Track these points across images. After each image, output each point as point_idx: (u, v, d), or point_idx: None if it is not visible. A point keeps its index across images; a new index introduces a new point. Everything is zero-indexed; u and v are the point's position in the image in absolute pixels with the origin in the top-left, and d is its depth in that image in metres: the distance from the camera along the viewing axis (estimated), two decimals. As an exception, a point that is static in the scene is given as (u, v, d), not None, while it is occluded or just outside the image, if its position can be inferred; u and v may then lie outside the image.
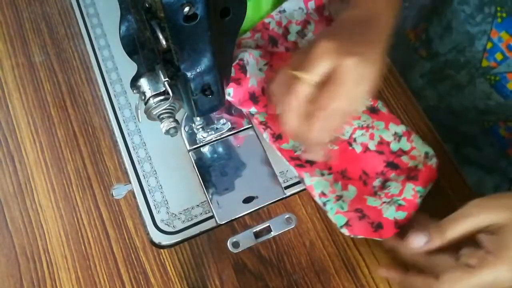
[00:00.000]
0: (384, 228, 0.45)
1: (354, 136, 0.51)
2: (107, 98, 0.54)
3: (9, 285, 0.46)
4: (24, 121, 0.53)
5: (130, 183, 0.50)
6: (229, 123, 0.53)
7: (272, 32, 0.55)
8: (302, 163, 0.49)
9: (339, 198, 0.48)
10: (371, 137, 0.51)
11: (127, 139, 0.51)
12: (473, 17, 0.53)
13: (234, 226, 0.49)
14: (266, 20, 0.55)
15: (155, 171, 0.50)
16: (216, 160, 0.51)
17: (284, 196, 0.50)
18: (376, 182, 0.49)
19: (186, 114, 0.53)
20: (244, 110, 0.52)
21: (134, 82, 0.40)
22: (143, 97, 0.40)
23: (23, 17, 0.59)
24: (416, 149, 0.50)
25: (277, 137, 0.51)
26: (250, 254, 0.47)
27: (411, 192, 0.47)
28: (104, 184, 0.50)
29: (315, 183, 0.48)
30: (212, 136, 0.52)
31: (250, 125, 0.53)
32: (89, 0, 0.59)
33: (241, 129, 0.53)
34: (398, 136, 0.51)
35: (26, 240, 0.48)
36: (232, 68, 0.49)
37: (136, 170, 0.50)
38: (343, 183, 0.49)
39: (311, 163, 0.50)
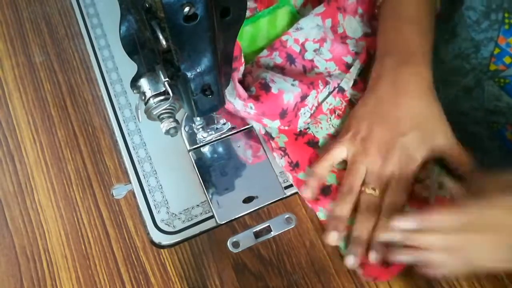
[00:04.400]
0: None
1: None
2: (107, 98, 0.54)
3: (9, 285, 0.46)
4: (24, 121, 0.53)
5: (130, 183, 0.50)
6: (229, 123, 0.53)
7: (290, 49, 0.55)
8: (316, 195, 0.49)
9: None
10: None
11: (127, 139, 0.52)
12: (478, 24, 0.53)
13: (234, 226, 0.49)
14: (284, 38, 0.55)
15: (155, 171, 0.50)
16: (216, 160, 0.51)
17: (284, 196, 0.50)
18: None
19: (186, 114, 0.53)
20: (259, 126, 0.52)
21: (134, 82, 0.40)
22: (143, 97, 0.40)
23: (23, 17, 0.59)
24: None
25: (295, 166, 0.50)
26: (250, 254, 0.47)
27: None
28: (104, 184, 0.50)
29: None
30: (212, 136, 0.52)
31: (250, 125, 0.53)
32: (89, 0, 0.60)
33: (241, 129, 0.53)
34: None
35: (26, 239, 0.48)
36: (253, 87, 0.49)
37: (136, 170, 0.50)
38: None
39: (325, 193, 0.49)
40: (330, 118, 0.53)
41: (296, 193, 0.50)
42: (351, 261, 0.44)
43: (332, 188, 0.49)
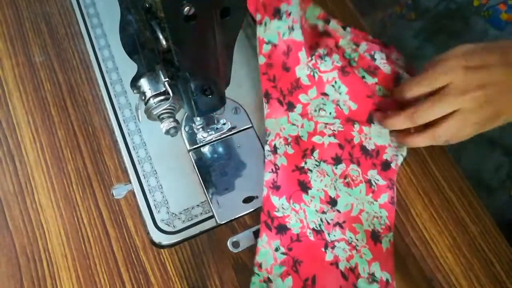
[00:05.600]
0: None
1: (335, 244, 0.47)
2: (107, 98, 0.54)
3: (9, 285, 0.46)
4: (24, 121, 0.53)
5: (130, 183, 0.50)
6: (229, 123, 0.53)
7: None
8: (270, 225, 0.47)
9: (267, 280, 0.45)
10: (349, 258, 0.46)
11: (127, 139, 0.51)
12: None
13: (234, 226, 0.49)
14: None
15: (155, 171, 0.50)
16: (216, 160, 0.51)
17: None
18: None
19: (186, 114, 0.53)
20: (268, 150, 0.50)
21: (134, 82, 0.40)
22: (143, 97, 0.40)
23: (23, 16, 0.59)
24: None
25: (275, 187, 0.48)
26: (250, 254, 0.47)
27: None
28: (104, 183, 0.50)
29: (262, 251, 0.45)
30: (212, 136, 0.52)
31: (250, 125, 0.53)
32: (89, 0, 0.59)
33: (241, 129, 0.53)
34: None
35: (26, 239, 0.48)
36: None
37: (136, 170, 0.50)
38: (283, 274, 0.45)
39: (280, 230, 0.46)
40: (336, 179, 0.49)
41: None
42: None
43: (289, 232, 0.47)
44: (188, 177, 0.50)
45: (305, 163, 0.49)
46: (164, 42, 0.34)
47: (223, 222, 0.48)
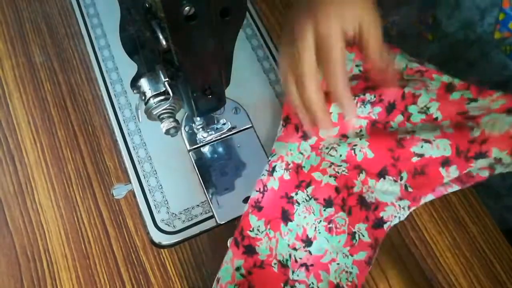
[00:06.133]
0: None
1: (295, 284, 0.45)
2: (107, 98, 0.54)
3: (9, 285, 0.46)
4: (24, 121, 0.53)
5: (130, 183, 0.50)
6: (229, 123, 0.53)
7: None
8: (239, 242, 0.45)
9: None
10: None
11: (127, 139, 0.51)
12: None
13: (234, 226, 0.49)
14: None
15: (155, 171, 0.50)
16: (216, 160, 0.51)
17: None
18: None
19: (186, 114, 0.53)
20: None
21: (134, 82, 0.40)
22: (143, 97, 0.40)
23: (23, 17, 0.59)
24: None
25: (257, 207, 0.47)
26: (250, 254, 0.47)
27: None
28: (104, 183, 0.50)
29: (224, 267, 0.44)
30: (212, 136, 0.52)
31: (250, 125, 0.53)
32: (89, 0, 0.60)
33: (241, 129, 0.53)
34: None
35: (26, 239, 0.48)
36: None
37: (136, 170, 0.50)
38: None
39: (248, 251, 0.45)
40: (321, 220, 0.47)
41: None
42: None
43: (256, 256, 0.45)
44: (188, 177, 0.50)
45: (296, 194, 0.47)
46: (164, 42, 0.34)
47: (223, 222, 0.48)
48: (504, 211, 0.62)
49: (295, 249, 0.46)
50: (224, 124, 0.52)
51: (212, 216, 0.48)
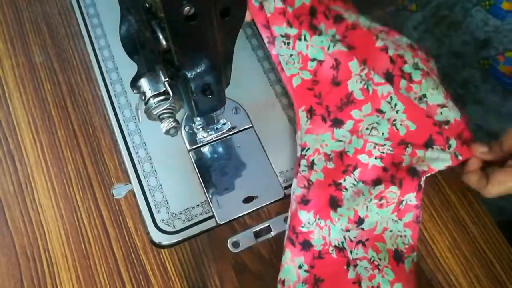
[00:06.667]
0: None
1: (357, 262, 0.46)
2: (107, 98, 0.54)
3: (9, 285, 0.46)
4: (24, 121, 0.53)
5: (130, 183, 0.50)
6: (229, 123, 0.53)
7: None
8: (295, 241, 0.46)
9: None
10: None
11: (127, 139, 0.52)
12: None
13: (234, 226, 0.49)
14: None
15: (155, 171, 0.50)
16: (216, 160, 0.51)
17: (284, 196, 0.50)
18: None
19: (186, 114, 0.53)
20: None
21: (134, 82, 0.40)
22: (143, 97, 0.40)
23: (23, 17, 0.59)
24: None
25: (304, 201, 0.46)
26: (250, 254, 0.47)
27: None
28: (104, 183, 0.50)
29: (285, 268, 0.45)
30: (212, 136, 0.52)
31: (250, 125, 0.53)
32: (89, 0, 0.60)
33: (241, 129, 0.53)
34: None
35: (26, 239, 0.48)
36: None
37: (136, 170, 0.50)
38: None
39: (305, 246, 0.45)
40: (371, 199, 0.47)
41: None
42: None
43: (312, 248, 0.46)
44: (188, 177, 0.50)
45: (344, 180, 0.47)
46: (164, 42, 0.34)
47: (223, 222, 0.48)
48: (499, 199, 0.63)
49: (348, 230, 0.46)
50: (224, 124, 0.52)
51: (212, 216, 0.48)
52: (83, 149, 0.52)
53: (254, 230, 0.48)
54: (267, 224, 0.49)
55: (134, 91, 0.41)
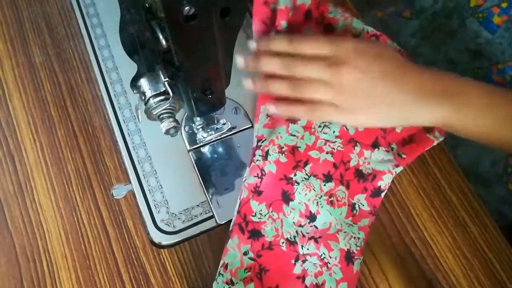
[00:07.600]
0: None
1: (306, 257, 0.46)
2: (107, 98, 0.54)
3: (9, 285, 0.46)
4: (24, 121, 0.53)
5: (130, 183, 0.50)
6: (229, 123, 0.53)
7: None
8: (244, 228, 0.46)
9: (229, 282, 0.44)
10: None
11: (127, 139, 0.51)
12: None
13: (234, 226, 0.49)
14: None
15: (155, 171, 0.50)
16: (216, 160, 0.51)
17: (284, 196, 0.50)
18: None
19: (186, 114, 0.53)
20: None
21: (134, 82, 0.40)
22: (143, 97, 0.40)
23: (23, 17, 0.59)
24: None
25: (257, 192, 0.47)
26: (250, 254, 0.47)
27: None
28: (104, 184, 0.50)
29: (230, 253, 0.45)
30: (212, 136, 0.52)
31: (250, 125, 0.53)
32: (89, 0, 0.60)
33: (241, 129, 0.53)
34: None
35: (26, 239, 0.48)
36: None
37: (136, 170, 0.50)
38: (247, 279, 0.44)
39: (253, 235, 0.46)
40: (322, 195, 0.48)
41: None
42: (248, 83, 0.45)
43: (262, 238, 0.46)
44: (188, 177, 0.50)
45: (295, 175, 0.48)
46: (164, 42, 0.34)
47: (223, 222, 0.48)
48: (500, 204, 0.63)
49: (301, 225, 0.47)
50: (224, 124, 0.52)
51: (212, 216, 0.48)
52: (83, 149, 0.52)
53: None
54: (267, 224, 0.49)
55: (134, 91, 0.41)
